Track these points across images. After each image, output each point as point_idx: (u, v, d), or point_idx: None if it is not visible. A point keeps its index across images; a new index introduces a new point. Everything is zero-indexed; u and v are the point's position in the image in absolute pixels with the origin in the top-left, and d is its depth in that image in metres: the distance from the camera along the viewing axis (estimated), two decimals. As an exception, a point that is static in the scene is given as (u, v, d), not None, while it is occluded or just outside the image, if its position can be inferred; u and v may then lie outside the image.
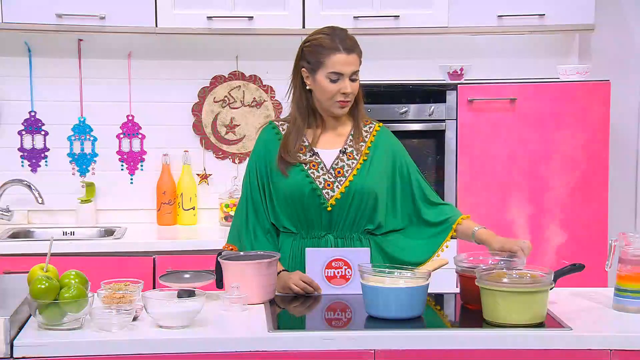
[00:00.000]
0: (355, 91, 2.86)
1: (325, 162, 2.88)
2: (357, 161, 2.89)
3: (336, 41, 2.82)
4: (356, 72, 2.84)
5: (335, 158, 2.89)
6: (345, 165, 2.88)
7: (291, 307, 2.69)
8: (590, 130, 3.94)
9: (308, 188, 2.84)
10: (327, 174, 2.87)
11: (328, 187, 2.85)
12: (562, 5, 4.05)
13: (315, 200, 2.84)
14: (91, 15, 3.92)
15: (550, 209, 3.97)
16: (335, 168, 2.87)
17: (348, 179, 2.86)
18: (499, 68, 4.29)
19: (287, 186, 2.85)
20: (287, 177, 2.84)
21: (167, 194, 4.25)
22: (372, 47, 4.29)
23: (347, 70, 2.82)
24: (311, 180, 2.85)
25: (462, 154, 3.97)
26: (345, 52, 2.81)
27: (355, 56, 2.84)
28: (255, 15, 3.99)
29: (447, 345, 2.37)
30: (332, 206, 2.84)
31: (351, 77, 2.83)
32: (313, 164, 2.87)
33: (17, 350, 2.27)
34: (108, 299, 2.47)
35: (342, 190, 2.85)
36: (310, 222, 2.85)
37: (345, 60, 2.82)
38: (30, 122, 4.27)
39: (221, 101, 4.33)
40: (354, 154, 2.89)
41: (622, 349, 2.36)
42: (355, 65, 2.84)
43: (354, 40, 2.87)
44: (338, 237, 2.86)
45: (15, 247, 3.78)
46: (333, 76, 2.82)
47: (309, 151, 2.88)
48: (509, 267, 2.61)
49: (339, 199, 2.84)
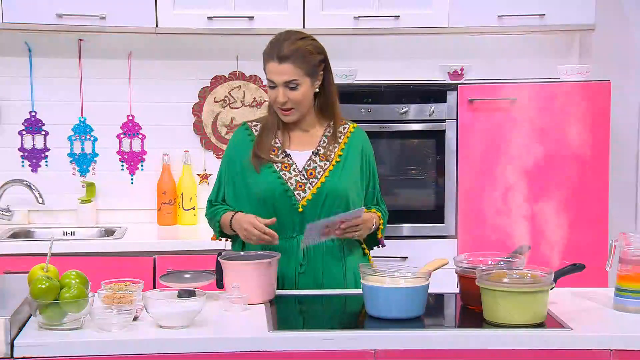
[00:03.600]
0: (296, 100, 2.83)
1: (297, 163, 2.88)
2: (329, 163, 2.89)
3: (273, 49, 2.82)
4: (292, 81, 2.80)
5: (307, 159, 2.89)
6: (318, 167, 2.88)
7: (292, 307, 2.69)
8: (590, 130, 3.93)
9: (280, 189, 2.84)
10: (299, 175, 2.86)
11: (300, 189, 2.85)
12: (562, 5, 4.05)
13: (286, 202, 2.84)
14: (91, 15, 3.92)
15: (551, 209, 3.96)
16: (308, 169, 2.87)
17: (320, 181, 2.86)
18: (499, 68, 4.29)
19: (259, 187, 2.86)
20: (259, 175, 2.85)
21: (167, 194, 4.25)
22: (373, 47, 4.34)
23: (278, 79, 2.80)
24: (283, 182, 2.85)
25: (463, 154, 3.97)
26: (277, 60, 2.79)
27: (289, 65, 2.79)
28: (256, 15, 3.99)
29: (448, 346, 2.37)
30: (303, 207, 2.84)
31: (289, 86, 2.80)
32: (285, 165, 2.87)
33: (17, 350, 2.27)
34: (108, 299, 2.47)
35: (314, 191, 2.85)
36: (281, 223, 2.84)
37: (276, 70, 2.80)
38: (31, 122, 4.27)
39: (221, 101, 4.33)
40: (327, 156, 2.89)
41: (622, 349, 2.36)
42: (288, 75, 2.79)
43: (295, 48, 2.80)
44: None
45: (15, 247, 3.78)
46: (270, 83, 2.83)
47: (282, 152, 2.89)
48: (509, 267, 2.61)
49: (310, 200, 2.84)
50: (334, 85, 2.95)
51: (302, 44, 2.82)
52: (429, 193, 4.03)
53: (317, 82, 2.87)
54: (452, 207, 3.99)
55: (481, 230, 3.82)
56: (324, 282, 2.87)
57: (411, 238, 4.00)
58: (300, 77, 2.81)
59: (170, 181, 4.27)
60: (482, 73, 4.16)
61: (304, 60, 2.81)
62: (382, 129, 3.96)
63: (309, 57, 2.82)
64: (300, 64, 2.80)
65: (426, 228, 4.03)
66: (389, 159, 4.05)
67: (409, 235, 4.02)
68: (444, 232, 4.02)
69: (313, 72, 2.84)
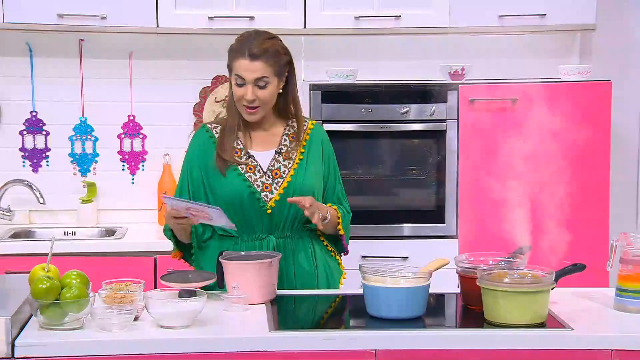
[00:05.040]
0: (264, 99, 2.82)
1: (261, 164, 2.88)
2: (293, 161, 2.88)
3: (243, 46, 2.81)
4: (262, 79, 2.79)
5: (271, 159, 2.89)
6: (282, 166, 2.88)
7: (292, 307, 2.69)
8: (591, 130, 3.93)
9: (246, 192, 2.83)
10: (264, 176, 2.86)
11: (266, 190, 2.85)
12: (563, 5, 4.05)
13: (254, 204, 2.84)
14: (92, 15, 3.92)
15: (552, 209, 3.96)
16: (272, 170, 2.87)
17: (286, 180, 2.86)
18: (500, 68, 4.29)
19: (225, 190, 2.85)
20: (225, 178, 2.84)
21: (168, 194, 4.23)
22: (373, 47, 4.34)
23: (249, 76, 2.79)
24: (249, 184, 2.84)
25: (463, 154, 3.97)
26: (248, 57, 2.79)
27: (260, 63, 2.78)
28: (257, 15, 3.99)
29: (448, 346, 2.37)
30: (271, 208, 2.84)
31: (258, 84, 2.80)
32: (250, 167, 2.86)
33: (18, 350, 2.27)
34: (109, 299, 2.47)
35: (281, 191, 2.84)
36: (250, 225, 2.84)
37: (247, 67, 2.79)
38: (32, 122, 4.27)
39: (222, 101, 4.33)
40: (289, 154, 2.89)
41: (623, 349, 2.36)
42: (259, 72, 2.79)
43: (266, 47, 2.80)
44: (279, 237, 2.87)
45: (16, 247, 3.79)
46: (238, 80, 2.82)
47: (245, 154, 2.88)
48: (510, 267, 2.61)
49: (278, 200, 2.84)
50: (296, 86, 2.95)
51: (273, 44, 2.84)
52: (430, 193, 4.04)
53: (282, 82, 2.88)
54: (452, 207, 3.99)
55: (482, 230, 3.83)
56: (296, 280, 2.86)
57: (412, 238, 4.00)
58: (270, 76, 2.81)
59: (171, 181, 4.26)
60: (483, 73, 4.15)
61: (273, 59, 2.81)
62: (382, 129, 3.96)
63: (278, 57, 2.83)
64: (271, 62, 2.80)
65: (427, 228, 4.03)
66: (390, 159, 4.05)
67: (410, 235, 4.02)
68: (445, 232, 4.02)
69: (281, 72, 2.85)
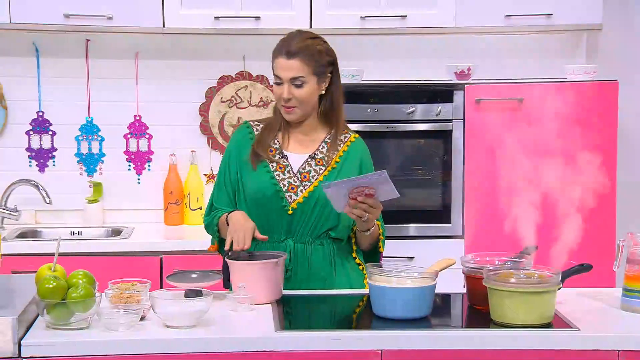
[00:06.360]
0: (301, 98, 2.80)
1: (292, 165, 2.87)
2: (325, 168, 2.87)
3: (282, 45, 2.81)
4: (298, 78, 2.78)
5: (303, 162, 2.87)
6: (312, 171, 2.86)
7: (298, 307, 2.69)
8: (598, 130, 3.93)
9: (271, 190, 2.83)
10: (292, 177, 2.85)
11: (292, 191, 2.84)
12: (569, 5, 4.05)
13: (277, 203, 2.83)
14: (98, 15, 3.93)
15: (558, 209, 3.95)
16: (302, 172, 2.86)
17: (313, 184, 2.84)
18: (506, 68, 4.28)
19: (251, 184, 2.85)
20: (254, 172, 2.84)
21: (174, 194, 4.25)
22: (379, 47, 4.34)
23: (285, 75, 2.79)
24: (275, 182, 2.84)
25: (469, 154, 3.97)
26: (285, 56, 2.78)
27: (296, 61, 2.77)
28: (262, 15, 3.99)
29: (455, 346, 2.37)
30: (293, 210, 2.83)
31: (294, 83, 2.79)
32: (280, 165, 2.86)
33: (25, 350, 2.27)
34: (115, 299, 2.48)
35: (305, 195, 2.83)
36: (270, 225, 2.83)
37: (283, 65, 2.79)
38: (38, 122, 4.28)
39: (228, 101, 4.33)
40: (323, 161, 2.87)
41: (630, 350, 2.35)
42: (295, 71, 2.77)
43: (303, 46, 2.79)
44: (298, 242, 2.84)
45: (23, 247, 3.79)
46: (276, 78, 2.82)
47: (279, 153, 2.88)
48: (516, 267, 2.61)
49: (301, 203, 2.83)
50: (341, 91, 2.91)
51: (312, 43, 2.82)
52: (436, 193, 4.03)
53: (324, 84, 2.85)
54: (458, 207, 3.99)
55: (488, 230, 3.83)
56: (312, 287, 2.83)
57: (418, 238, 4.00)
58: (307, 75, 2.79)
59: (177, 181, 4.27)
60: (489, 73, 4.15)
61: (312, 58, 2.79)
62: (388, 129, 3.96)
63: (318, 56, 2.81)
64: (308, 61, 2.78)
65: (433, 228, 4.02)
66: (396, 159, 4.05)
67: (416, 235, 4.02)
68: (451, 232, 4.01)
69: (320, 72, 2.82)
